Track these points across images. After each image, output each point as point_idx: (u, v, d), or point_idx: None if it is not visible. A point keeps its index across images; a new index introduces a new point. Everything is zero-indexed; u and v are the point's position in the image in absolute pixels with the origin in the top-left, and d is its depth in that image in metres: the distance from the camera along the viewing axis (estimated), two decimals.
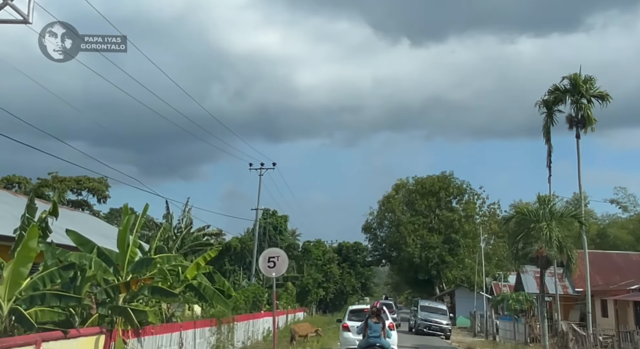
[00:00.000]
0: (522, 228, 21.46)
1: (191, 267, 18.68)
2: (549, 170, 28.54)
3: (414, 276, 55.10)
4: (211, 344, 19.22)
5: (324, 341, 23.81)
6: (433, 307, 36.09)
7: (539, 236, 20.57)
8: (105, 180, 42.70)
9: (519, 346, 27.51)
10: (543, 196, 21.36)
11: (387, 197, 56.91)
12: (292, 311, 35.84)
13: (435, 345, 25.47)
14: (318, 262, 49.79)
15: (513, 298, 30.55)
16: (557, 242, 20.25)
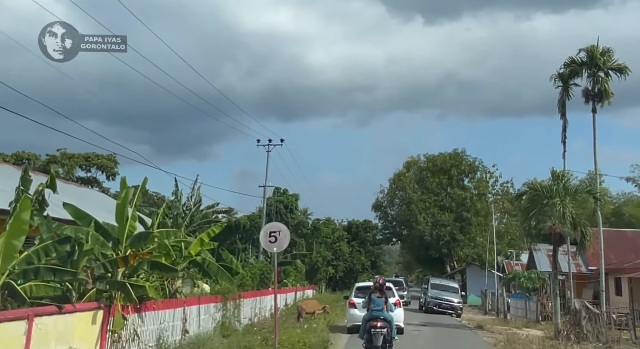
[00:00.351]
0: (535, 204, 20.84)
1: (195, 243, 18.37)
2: (563, 146, 27.79)
3: (424, 254, 54.73)
4: (216, 320, 18.99)
5: (331, 318, 23.54)
6: (444, 285, 35.23)
7: (552, 212, 19.98)
8: (114, 157, 42.58)
9: (530, 323, 27.11)
10: (557, 172, 20.70)
11: (398, 175, 56.33)
12: (300, 288, 35.68)
13: (445, 323, 25.13)
14: (327, 240, 49.49)
15: (525, 275, 30.07)
16: (571, 218, 19.65)
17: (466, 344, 17.45)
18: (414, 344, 16.57)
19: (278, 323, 22.26)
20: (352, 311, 19.17)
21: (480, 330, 22.62)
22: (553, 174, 20.56)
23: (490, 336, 20.45)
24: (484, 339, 19.30)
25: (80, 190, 29.94)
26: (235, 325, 20.08)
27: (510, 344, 16.23)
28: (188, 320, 16.64)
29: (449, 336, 19.83)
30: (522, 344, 15.19)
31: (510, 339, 17.37)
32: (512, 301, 33.92)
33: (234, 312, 20.66)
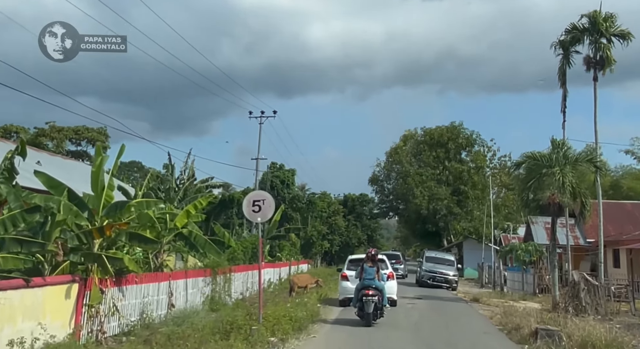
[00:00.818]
0: (534, 174, 20.17)
1: (181, 215, 17.70)
2: (563, 115, 26.98)
3: (421, 228, 54.28)
4: (205, 294, 18.46)
5: (324, 291, 23.07)
6: (439, 257, 34.30)
7: (551, 182, 19.33)
8: (104, 130, 41.71)
9: (527, 296, 26.71)
10: (557, 140, 19.97)
11: (395, 149, 55.54)
12: (295, 263, 35.20)
13: (440, 296, 24.67)
14: (323, 214, 48.95)
15: (522, 248, 29.57)
16: (571, 188, 19.01)
17: (461, 317, 16.95)
18: (407, 317, 16.07)
19: (268, 297, 21.96)
20: (345, 283, 18.84)
21: (476, 303, 22.18)
22: (553, 143, 19.82)
23: (486, 309, 19.99)
24: (480, 312, 18.83)
25: (66, 162, 29.21)
26: (225, 300, 19.62)
27: (507, 317, 15.70)
28: (174, 294, 16.15)
29: (443, 309, 19.33)
30: (520, 317, 14.67)
31: (507, 311, 16.86)
32: (508, 274, 33.55)
33: (224, 286, 20.18)
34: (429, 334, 12.88)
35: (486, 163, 54.17)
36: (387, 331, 13.11)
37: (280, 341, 10.75)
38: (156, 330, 12.05)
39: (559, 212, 19.92)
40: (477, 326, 14.96)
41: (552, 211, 19.68)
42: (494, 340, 12.46)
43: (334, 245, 49.25)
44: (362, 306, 13.85)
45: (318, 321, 14.51)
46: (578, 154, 19.87)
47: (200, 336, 10.15)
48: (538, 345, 10.82)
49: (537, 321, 12.91)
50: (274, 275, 30.02)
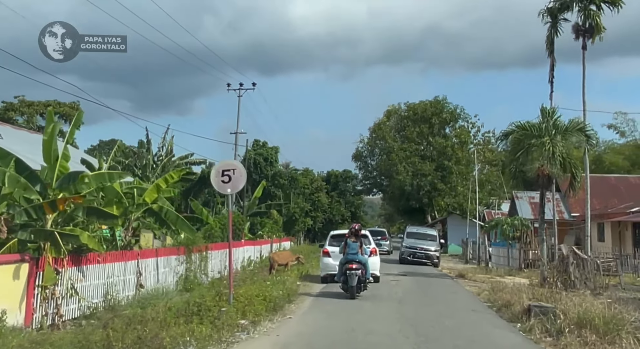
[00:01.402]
0: (522, 145, 19.35)
1: (150, 189, 16.60)
2: (550, 86, 26.22)
3: (405, 205, 53.61)
4: (179, 273, 17.49)
5: (305, 268, 22.25)
6: (421, 233, 32.87)
7: (541, 152, 18.52)
8: (77, 105, 39.99)
9: (513, 271, 26.15)
10: (547, 108, 19.09)
11: (378, 124, 54.46)
12: (277, 240, 34.28)
13: (425, 272, 23.96)
14: (305, 191, 48.00)
15: (508, 223, 28.91)
16: (561, 159, 18.20)
17: (447, 294, 16.18)
18: (391, 295, 15.24)
19: (247, 275, 21.07)
20: (326, 259, 18.45)
21: (462, 279, 21.49)
22: (543, 112, 18.94)
23: (472, 285, 19.29)
24: (466, 288, 18.09)
25: (33, 137, 27.67)
26: (201, 279, 18.70)
27: (495, 293, 14.97)
28: (144, 274, 15.15)
29: (428, 285, 18.57)
30: (509, 293, 13.92)
31: (495, 287, 16.13)
32: (493, 250, 33.01)
33: (200, 265, 19.23)
34: (415, 313, 12.05)
35: (470, 139, 53.41)
36: (370, 310, 12.29)
37: (252, 323, 9.81)
38: (120, 313, 11.06)
39: (548, 184, 19.17)
40: (465, 303, 14.18)
41: (541, 184, 18.91)
42: (483, 318, 11.66)
43: (317, 222, 48.40)
44: (345, 279, 14.25)
45: (296, 300, 13.64)
46: (568, 123, 19.00)
47: (162, 319, 9.17)
48: (532, 323, 10.03)
49: (529, 298, 12.11)
50: (255, 253, 29.09)
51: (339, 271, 14.86)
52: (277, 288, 13.05)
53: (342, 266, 14.59)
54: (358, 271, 14.23)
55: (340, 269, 14.72)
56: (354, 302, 13.44)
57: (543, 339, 9.38)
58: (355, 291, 14.26)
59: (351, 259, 14.48)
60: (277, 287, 13.35)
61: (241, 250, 26.40)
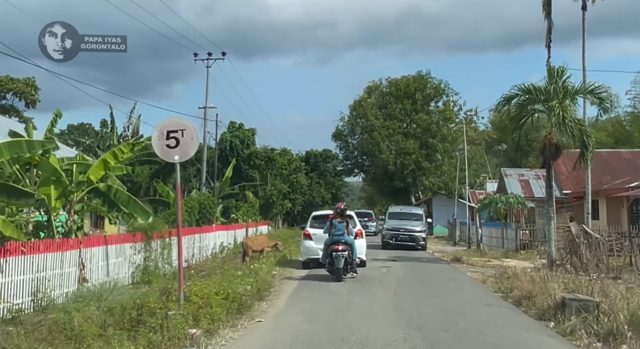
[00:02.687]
0: (527, 110, 17.09)
1: (95, 166, 13.99)
2: (547, 51, 23.82)
3: (388, 185, 51.28)
4: (136, 264, 15.00)
5: (284, 255, 19.91)
6: (405, 212, 29.31)
7: (549, 118, 16.28)
8: (32, 81, 36.73)
9: (509, 254, 24.02)
10: (555, 67, 16.70)
11: (359, 101, 51.78)
12: (253, 224, 31.67)
13: (416, 256, 21.66)
14: (283, 172, 45.42)
15: (502, 200, 26.73)
16: (572, 125, 15.94)
17: (449, 282, 13.82)
18: (384, 286, 12.84)
19: (217, 264, 18.59)
20: (308, 243, 16.94)
21: (459, 264, 19.19)
22: (550, 72, 16.55)
23: (472, 270, 17.02)
24: (468, 274, 15.78)
25: None
26: (164, 269, 16.23)
27: (505, 281, 12.76)
28: (88, 266, 12.67)
29: (424, 272, 16.20)
30: (522, 280, 11.70)
31: (501, 273, 13.89)
32: (485, 230, 30.89)
33: (161, 253, 16.76)
34: (417, 309, 9.63)
35: (454, 113, 51.08)
36: (361, 306, 9.87)
37: (206, 332, 7.27)
38: (48, 316, 8.67)
39: (556, 155, 16.89)
40: (473, 294, 11.82)
41: (548, 154, 16.64)
42: (504, 316, 9.28)
43: (296, 205, 45.89)
44: (332, 261, 13.78)
45: (271, 295, 11.21)
46: (579, 85, 16.68)
47: (80, 331, 6.68)
48: (572, 323, 7.75)
49: (560, 287, 9.74)
50: (228, 238, 26.48)
51: (324, 253, 14.29)
52: (246, 281, 10.58)
53: (328, 248, 14.00)
54: (345, 253, 13.67)
55: (326, 251, 14.12)
56: (341, 296, 11.04)
57: (593, 345, 7.09)
58: (342, 273, 13.73)
59: (337, 240, 13.92)
60: (247, 280, 10.87)
61: (212, 236, 23.81)
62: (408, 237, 26.16)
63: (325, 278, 14.14)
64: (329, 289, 12.05)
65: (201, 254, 21.57)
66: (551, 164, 17.29)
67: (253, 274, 14.25)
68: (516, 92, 17.03)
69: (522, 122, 17.14)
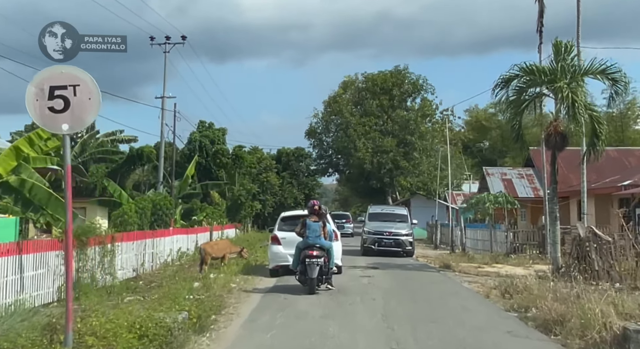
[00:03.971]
0: (528, 94, 14.77)
1: (4, 155, 11.17)
2: (539, 36, 21.72)
3: (364, 185, 48.86)
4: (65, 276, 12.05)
5: (248, 262, 17.32)
6: (387, 213, 26.23)
7: (556, 102, 13.99)
8: None
9: (500, 258, 21.67)
10: (562, 42, 14.28)
11: (334, 97, 49.23)
12: (218, 227, 28.77)
13: (400, 263, 19.09)
14: (252, 171, 42.58)
15: (491, 200, 24.44)
16: (582, 110, 13.65)
17: (447, 297, 11.17)
18: (366, 301, 10.23)
19: (168, 275, 15.88)
20: (276, 248, 15.08)
21: (449, 271, 16.68)
22: (557, 46, 14.17)
23: (468, 279, 14.52)
24: (465, 285, 13.24)
25: None
26: (103, 280, 13.44)
27: (516, 295, 10.37)
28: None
29: (414, 284, 13.59)
30: (539, 295, 9.31)
31: (509, 285, 11.45)
32: (470, 233, 28.55)
33: (101, 262, 13.93)
34: (418, 345, 7.05)
35: (433, 111, 48.90)
36: (341, 344, 7.20)
37: None
38: None
39: (562, 145, 14.57)
40: (483, 315, 9.23)
41: (554, 144, 14.34)
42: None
43: (267, 206, 43.04)
44: (304, 269, 11.59)
45: (220, 321, 8.53)
46: (589, 63, 14.33)
47: None
48: None
49: (617, 312, 7.23)
50: (188, 243, 23.42)
51: (295, 258, 12.04)
52: (182, 305, 7.86)
53: (300, 252, 11.80)
54: (320, 259, 11.49)
55: (297, 256, 11.91)
56: (313, 322, 8.38)
57: None
58: (316, 284, 11.52)
59: (312, 243, 11.74)
60: (184, 303, 8.14)
61: (168, 241, 20.79)
62: (393, 242, 22.97)
63: (295, 289, 11.63)
64: (298, 309, 9.43)
65: (154, 262, 18.68)
66: (556, 155, 14.97)
67: (203, 289, 11.58)
68: (516, 72, 14.66)
69: (523, 107, 14.78)
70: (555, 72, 14.03)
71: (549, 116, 14.59)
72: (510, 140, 15.12)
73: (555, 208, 15.43)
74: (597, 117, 14.30)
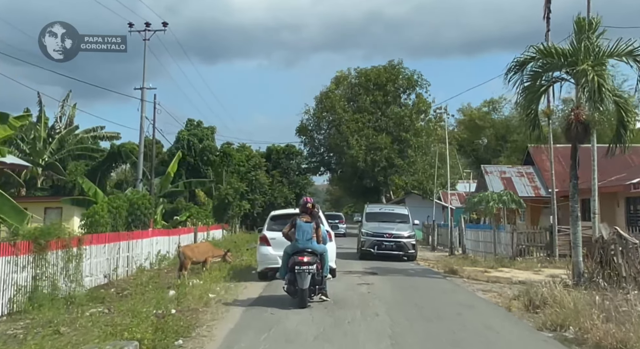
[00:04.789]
0: (546, 79, 13.17)
1: None
2: (546, 23, 20.22)
3: (357, 185, 47.17)
4: (19, 285, 10.61)
5: (234, 266, 15.72)
6: (387, 213, 24.22)
7: (577, 87, 12.40)
8: None
9: (505, 261, 20.09)
10: (584, 19, 12.61)
11: (326, 93, 47.46)
12: (203, 228, 26.98)
13: (401, 268, 17.40)
14: (241, 169, 40.83)
15: (495, 198, 22.83)
16: (609, 95, 12.06)
17: (462, 310, 9.39)
18: (369, 319, 8.51)
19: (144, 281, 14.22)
20: (265, 249, 13.93)
21: (456, 277, 15.02)
22: (579, 25, 12.53)
23: (480, 287, 12.84)
24: (480, 295, 11.56)
25: None
26: (67, 289, 11.74)
27: (544, 308, 8.77)
28: None
29: (420, 294, 11.86)
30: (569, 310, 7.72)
31: (531, 297, 9.83)
32: (471, 234, 26.96)
33: (64, 268, 12.30)
34: None
35: (428, 106, 47.28)
36: None
37: None
38: None
39: (584, 136, 12.99)
40: (513, 337, 7.40)
41: (574, 135, 12.75)
42: None
43: (256, 206, 41.27)
44: (293, 278, 9.85)
45: (192, 341, 6.85)
46: (614, 45, 12.69)
47: None
48: None
49: None
50: (170, 245, 21.60)
51: (283, 265, 10.32)
52: (135, 330, 6.15)
53: (289, 258, 10.06)
54: (312, 267, 9.74)
55: (286, 263, 10.17)
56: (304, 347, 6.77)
57: None
58: (308, 296, 9.81)
59: (302, 247, 9.98)
60: (148, 320, 6.44)
61: (146, 243, 18.98)
62: (394, 245, 21.00)
63: (283, 301, 9.98)
64: (287, 328, 7.75)
65: (130, 267, 16.94)
66: (577, 147, 13.38)
67: (176, 300, 9.90)
68: (532, 54, 13.03)
69: (540, 92, 13.17)
70: (577, 53, 12.43)
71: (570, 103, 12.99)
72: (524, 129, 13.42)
73: (576, 207, 13.85)
74: (625, 104, 12.70)
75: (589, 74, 11.96)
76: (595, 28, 12.47)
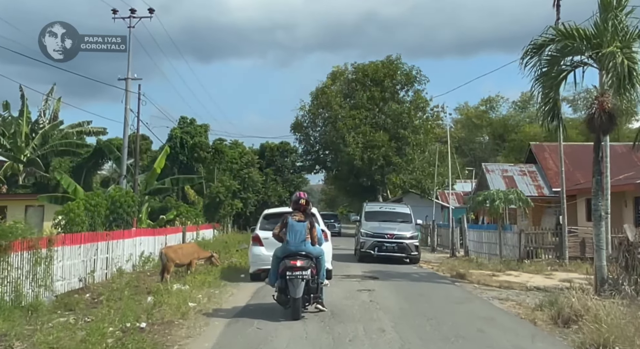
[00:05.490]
0: (567, 63, 11.90)
1: None
2: (556, 11, 19.09)
3: (354, 183, 45.90)
4: None
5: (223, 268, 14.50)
6: (388, 212, 22.89)
7: (602, 73, 11.15)
8: None
9: (513, 264, 18.83)
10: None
11: (322, 89, 46.12)
12: (193, 228, 25.60)
13: (404, 272, 16.05)
14: (234, 166, 39.53)
15: (501, 197, 21.55)
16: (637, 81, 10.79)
17: (484, 326, 7.88)
18: (374, 337, 7.16)
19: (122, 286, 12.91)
20: (258, 249, 13.44)
21: (465, 282, 13.69)
22: (604, 2, 11.22)
23: (492, 293, 11.50)
24: (497, 305, 10.17)
25: None
26: (36, 295, 10.74)
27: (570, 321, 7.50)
28: None
29: (430, 303, 10.45)
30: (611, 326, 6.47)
31: (560, 308, 8.54)
32: (474, 235, 25.71)
33: (31, 271, 11.05)
34: None
35: (427, 103, 46.03)
36: None
37: None
38: None
39: (608, 127, 11.71)
40: None
41: (599, 125, 11.47)
42: None
43: (249, 205, 39.93)
44: (284, 286, 8.62)
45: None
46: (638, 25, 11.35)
47: None
48: None
49: None
50: (156, 246, 20.11)
51: (273, 271, 8.97)
52: None
53: (279, 262, 8.81)
54: (306, 273, 8.52)
55: (276, 268, 8.88)
56: None
57: None
58: (302, 306, 8.52)
59: (295, 250, 8.72)
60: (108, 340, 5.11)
61: (129, 244, 17.52)
62: (396, 246, 19.63)
63: (273, 311, 8.69)
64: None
65: (110, 269, 15.58)
66: (601, 139, 12.10)
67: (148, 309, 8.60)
68: (551, 36, 11.74)
69: (560, 78, 11.88)
70: (603, 35, 11.15)
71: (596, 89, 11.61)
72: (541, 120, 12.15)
73: (599, 205, 12.48)
74: None
75: (618, 57, 10.69)
76: (624, 5, 11.20)
